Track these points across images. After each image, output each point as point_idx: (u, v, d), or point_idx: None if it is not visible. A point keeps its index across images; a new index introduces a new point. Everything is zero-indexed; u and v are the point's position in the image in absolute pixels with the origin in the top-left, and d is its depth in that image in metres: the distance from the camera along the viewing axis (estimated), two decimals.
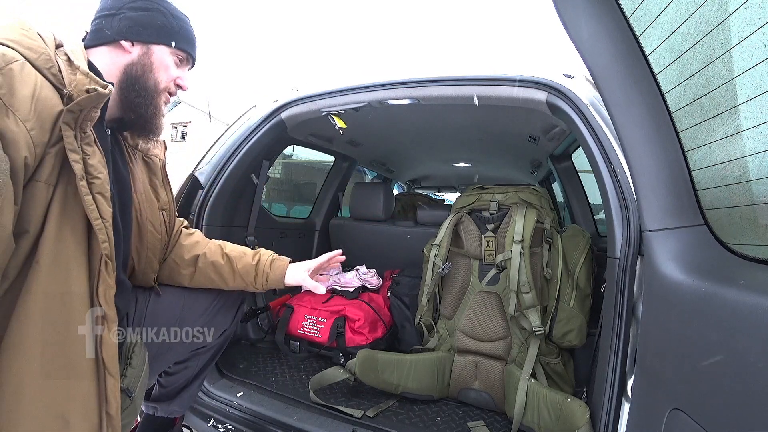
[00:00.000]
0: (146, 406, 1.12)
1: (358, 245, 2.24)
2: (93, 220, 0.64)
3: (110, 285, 0.68)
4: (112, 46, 0.80)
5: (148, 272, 0.95)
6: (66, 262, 0.63)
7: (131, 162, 0.91)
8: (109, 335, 0.68)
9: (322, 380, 1.31)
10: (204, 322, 1.04)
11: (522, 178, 3.19)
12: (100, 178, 0.66)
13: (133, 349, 0.84)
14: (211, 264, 1.04)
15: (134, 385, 0.81)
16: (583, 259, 1.35)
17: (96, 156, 0.67)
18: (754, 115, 0.51)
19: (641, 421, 0.74)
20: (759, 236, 0.57)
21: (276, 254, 1.13)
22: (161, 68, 0.84)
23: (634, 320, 0.89)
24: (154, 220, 0.94)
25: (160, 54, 0.84)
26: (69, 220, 0.64)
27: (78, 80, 0.64)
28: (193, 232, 1.11)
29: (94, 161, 0.66)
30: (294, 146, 1.99)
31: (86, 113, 0.63)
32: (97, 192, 0.66)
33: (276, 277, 1.07)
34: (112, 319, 0.69)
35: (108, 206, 0.67)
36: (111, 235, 0.68)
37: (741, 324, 0.48)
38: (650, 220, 0.69)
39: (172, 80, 0.87)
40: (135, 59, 0.81)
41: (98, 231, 0.65)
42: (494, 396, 1.32)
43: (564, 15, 0.64)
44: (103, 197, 0.67)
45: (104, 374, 0.67)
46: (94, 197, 0.65)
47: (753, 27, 0.47)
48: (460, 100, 1.31)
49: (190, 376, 1.12)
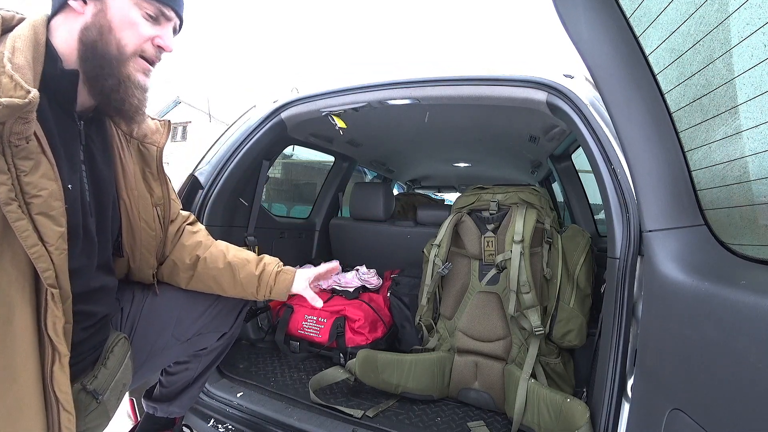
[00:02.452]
0: (146, 405, 1.12)
1: (358, 245, 2.24)
2: (29, 248, 0.56)
3: (58, 316, 0.61)
4: (65, 11, 0.67)
5: (145, 269, 0.91)
6: (7, 293, 0.57)
7: (122, 154, 0.82)
8: (60, 369, 0.62)
9: (322, 380, 1.31)
10: (204, 323, 1.02)
11: (522, 178, 3.19)
12: (42, 195, 0.57)
13: (112, 348, 0.79)
14: (210, 272, 0.98)
15: (104, 386, 0.76)
16: (583, 259, 1.35)
17: (40, 169, 0.57)
18: (754, 115, 0.51)
19: (641, 421, 0.73)
20: (759, 236, 0.57)
21: (281, 264, 1.05)
22: (124, 26, 0.68)
23: (634, 320, 0.89)
24: (147, 217, 0.86)
25: (121, 8, 0.67)
26: (9, 248, 0.56)
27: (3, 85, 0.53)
28: (197, 231, 1.03)
29: (33, 177, 0.56)
30: (294, 146, 1.99)
31: (11, 126, 0.53)
32: (39, 212, 0.57)
33: (280, 290, 1.01)
34: (64, 353, 0.62)
35: (56, 225, 0.59)
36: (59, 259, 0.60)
37: (741, 324, 0.48)
38: (650, 220, 0.69)
39: (145, 40, 0.71)
40: (89, 21, 0.66)
41: (36, 260, 0.57)
42: (494, 396, 1.32)
43: (564, 15, 0.64)
44: (47, 217, 0.58)
45: (57, 411, 0.62)
46: (33, 219, 0.56)
47: (753, 27, 0.47)
48: (460, 100, 1.31)
49: (190, 377, 1.10)
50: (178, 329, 0.98)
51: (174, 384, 1.10)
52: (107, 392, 0.77)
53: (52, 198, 0.59)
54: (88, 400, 0.73)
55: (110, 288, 0.82)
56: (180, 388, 1.11)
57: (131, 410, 1.28)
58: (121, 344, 0.82)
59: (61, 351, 0.62)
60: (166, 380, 1.11)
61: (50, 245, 0.58)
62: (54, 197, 0.59)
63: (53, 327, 0.60)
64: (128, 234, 0.85)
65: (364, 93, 1.42)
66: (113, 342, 0.81)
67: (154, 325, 0.95)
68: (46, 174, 0.58)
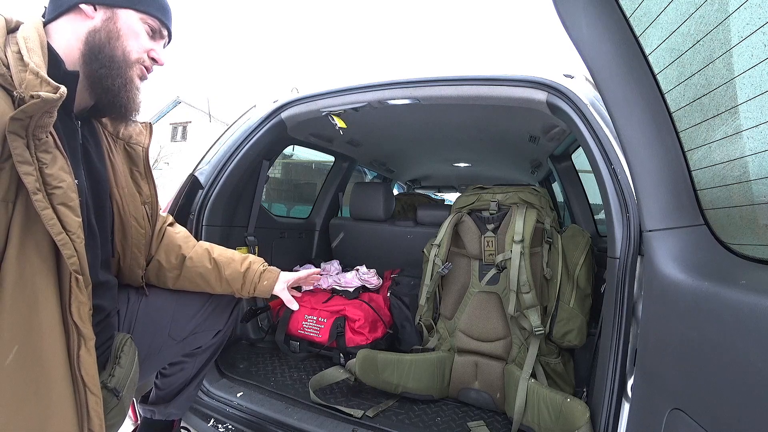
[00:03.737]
0: (144, 409, 1.12)
1: (358, 245, 2.24)
2: (55, 235, 0.59)
3: (83, 301, 0.64)
4: (73, 13, 0.71)
5: (135, 268, 0.92)
6: (32, 282, 0.59)
7: (111, 153, 0.84)
8: (87, 353, 0.64)
9: (322, 380, 1.31)
10: (197, 322, 1.02)
11: (522, 178, 3.19)
12: (62, 186, 0.60)
13: (122, 348, 0.82)
14: (197, 269, 1.01)
15: (122, 384, 0.79)
16: (583, 259, 1.35)
17: (57, 162, 0.60)
18: (754, 115, 0.51)
19: (641, 421, 0.73)
20: (759, 236, 0.57)
21: (266, 263, 1.09)
22: (130, 36, 0.75)
23: (634, 320, 0.89)
24: (138, 215, 0.88)
25: (128, 19, 0.74)
26: (32, 237, 0.59)
27: (28, 81, 0.57)
28: (179, 232, 1.06)
29: (53, 169, 0.59)
30: (294, 146, 1.99)
31: (38, 119, 0.56)
32: (60, 203, 0.60)
33: (264, 289, 1.05)
34: (89, 337, 0.65)
35: (75, 216, 0.62)
36: (81, 247, 0.63)
37: (741, 324, 0.48)
38: (650, 219, 0.69)
39: (144, 51, 0.77)
40: (98, 25, 0.72)
41: (63, 246, 0.60)
42: (494, 396, 1.32)
43: (564, 15, 0.64)
44: (68, 207, 0.61)
45: (84, 393, 0.64)
46: (56, 209, 0.59)
47: (753, 27, 0.47)
48: (460, 100, 1.31)
49: (187, 377, 1.10)
50: (174, 329, 0.98)
51: (170, 385, 1.10)
52: (125, 390, 0.79)
53: (69, 190, 0.61)
54: (109, 397, 0.75)
55: (112, 284, 0.84)
56: (177, 389, 1.10)
57: (131, 410, 1.28)
58: (129, 344, 0.84)
59: (87, 335, 0.64)
60: (161, 382, 1.10)
61: (72, 233, 0.61)
62: (71, 189, 0.62)
63: (78, 312, 0.63)
64: (119, 232, 0.86)
65: (364, 93, 1.42)
66: (122, 341, 0.83)
67: (150, 326, 0.95)
68: (63, 167, 0.61)
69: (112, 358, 0.80)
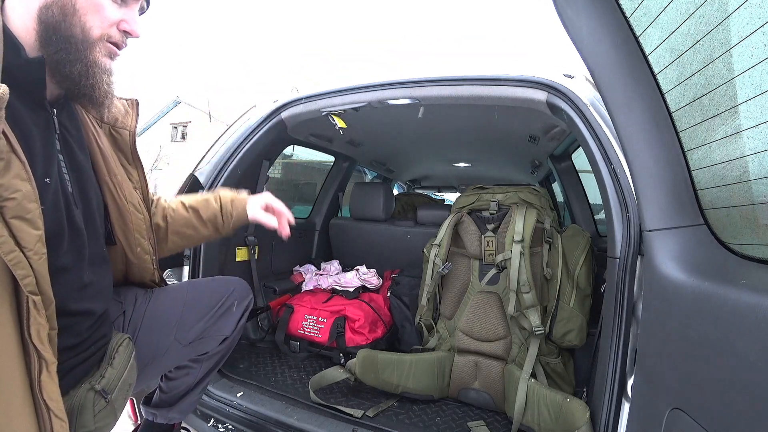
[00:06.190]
0: (146, 411, 1.11)
1: (358, 245, 2.24)
2: (5, 254, 0.52)
3: (42, 323, 0.58)
4: None
5: (143, 255, 0.88)
6: None
7: (98, 139, 0.78)
8: (48, 377, 0.59)
9: (322, 380, 1.31)
10: (205, 326, 1.01)
11: (522, 178, 3.19)
12: (15, 198, 0.53)
13: (117, 348, 0.79)
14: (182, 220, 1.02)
15: (112, 386, 0.76)
16: (583, 259, 1.35)
17: (11, 169, 0.53)
18: (754, 115, 0.51)
19: (641, 420, 0.74)
20: (759, 236, 0.57)
21: (234, 192, 1.12)
22: (89, 9, 0.63)
23: (634, 320, 0.89)
24: (134, 200, 0.84)
25: None
26: None
27: None
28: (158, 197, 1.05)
29: (5, 179, 0.52)
30: (294, 146, 1.99)
31: None
32: (13, 216, 0.53)
33: (240, 214, 1.08)
34: (51, 360, 0.59)
35: (33, 228, 0.55)
36: (39, 264, 0.57)
37: (741, 324, 0.48)
38: (650, 219, 0.69)
39: (111, 24, 0.66)
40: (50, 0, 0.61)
41: (15, 266, 0.53)
42: (494, 396, 1.32)
43: (564, 15, 0.64)
44: (23, 220, 0.54)
45: (49, 418, 0.60)
46: (8, 224, 0.53)
47: (753, 27, 0.47)
48: (460, 100, 1.31)
49: (191, 382, 1.09)
50: (180, 332, 0.97)
51: (174, 389, 1.09)
52: (115, 391, 0.77)
53: (26, 200, 0.55)
54: (97, 400, 0.74)
55: (105, 281, 0.80)
56: (180, 393, 1.10)
57: (131, 411, 1.28)
58: (126, 344, 0.82)
59: (48, 359, 0.59)
60: (166, 386, 1.10)
61: (28, 250, 0.55)
62: (28, 199, 0.55)
63: (37, 335, 0.57)
64: (118, 219, 0.82)
65: (364, 93, 1.43)
66: (118, 342, 0.81)
67: (156, 328, 0.94)
68: (19, 174, 0.54)
69: (106, 359, 0.78)
